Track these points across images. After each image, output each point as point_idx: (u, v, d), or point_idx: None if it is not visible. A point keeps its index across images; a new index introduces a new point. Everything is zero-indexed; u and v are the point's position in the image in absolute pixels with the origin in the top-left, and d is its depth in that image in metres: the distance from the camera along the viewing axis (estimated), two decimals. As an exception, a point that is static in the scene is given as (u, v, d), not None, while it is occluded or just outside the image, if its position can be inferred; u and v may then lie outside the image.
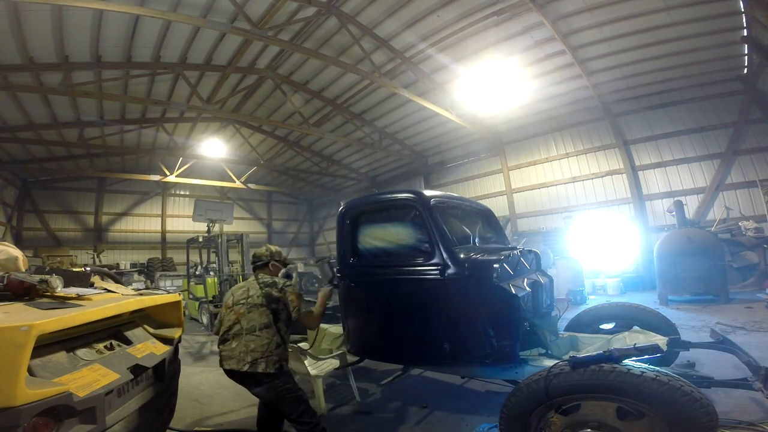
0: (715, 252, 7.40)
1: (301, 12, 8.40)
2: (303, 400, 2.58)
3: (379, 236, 3.42)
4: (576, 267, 9.13)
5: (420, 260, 3.09)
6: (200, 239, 9.86)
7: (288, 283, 2.82)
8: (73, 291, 2.27)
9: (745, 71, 9.11)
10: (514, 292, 2.71)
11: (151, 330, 2.66)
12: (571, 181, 12.19)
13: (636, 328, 3.10)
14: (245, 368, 2.45)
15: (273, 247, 3.10)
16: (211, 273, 10.07)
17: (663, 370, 1.98)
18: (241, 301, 2.71)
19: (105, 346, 2.14)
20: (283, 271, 2.99)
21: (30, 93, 9.26)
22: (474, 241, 3.59)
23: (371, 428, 3.31)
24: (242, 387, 2.59)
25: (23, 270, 2.43)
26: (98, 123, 11.58)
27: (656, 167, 10.70)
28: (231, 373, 2.58)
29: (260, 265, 2.97)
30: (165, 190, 18.57)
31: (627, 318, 3.51)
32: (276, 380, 2.50)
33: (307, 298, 6.79)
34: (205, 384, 4.63)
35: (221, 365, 2.62)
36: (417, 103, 10.52)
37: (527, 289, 2.93)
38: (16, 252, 2.47)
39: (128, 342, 2.34)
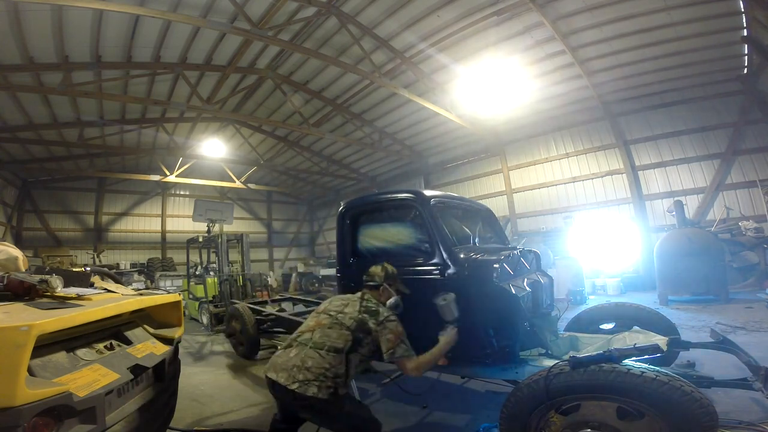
0: (715, 252, 7.39)
1: (301, 12, 8.41)
2: (362, 421, 2.25)
3: (379, 236, 3.42)
4: (576, 267, 9.13)
5: (420, 260, 3.09)
6: (200, 239, 9.86)
7: (392, 317, 2.44)
8: (73, 291, 2.27)
9: (745, 71, 9.11)
10: (514, 292, 2.71)
11: (151, 330, 2.66)
12: (571, 181, 12.19)
13: (636, 328, 3.10)
14: (293, 386, 2.11)
15: (390, 268, 2.71)
16: (211, 273, 10.07)
17: (663, 370, 1.98)
18: (332, 312, 2.44)
19: (105, 346, 2.14)
20: (392, 300, 2.61)
21: (30, 93, 9.26)
22: (474, 241, 3.59)
23: (371, 428, 3.31)
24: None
25: (23, 270, 2.43)
26: (98, 123, 11.58)
27: (656, 167, 10.70)
28: (274, 386, 2.22)
29: (371, 285, 2.64)
30: (165, 190, 18.58)
31: (627, 318, 3.50)
32: (330, 406, 2.14)
33: (309, 298, 6.74)
34: (205, 384, 4.62)
35: (267, 373, 2.28)
36: (417, 103, 10.51)
37: (527, 289, 2.93)
38: (16, 252, 2.47)
39: (128, 342, 2.34)
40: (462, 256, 2.92)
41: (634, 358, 2.11)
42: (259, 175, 18.49)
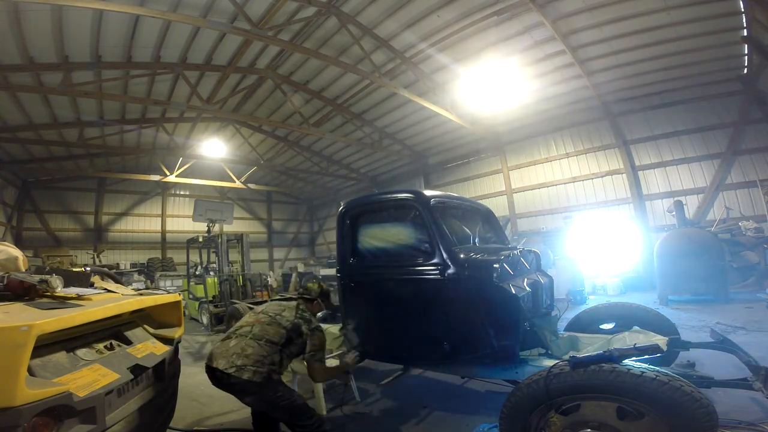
0: (715, 252, 7.39)
1: (301, 12, 8.40)
2: (296, 405, 2.50)
3: (379, 236, 3.42)
4: (576, 267, 9.12)
5: (420, 260, 3.09)
6: (200, 239, 9.87)
7: (321, 327, 2.84)
8: (73, 291, 2.27)
9: (745, 71, 9.11)
10: (514, 292, 2.71)
11: (151, 330, 2.66)
12: (571, 181, 12.19)
13: (636, 328, 3.10)
14: (231, 370, 2.34)
15: (324, 286, 3.12)
16: (211, 273, 10.08)
17: (663, 370, 1.98)
18: (270, 314, 2.76)
19: (105, 346, 2.14)
20: (321, 313, 3.00)
21: (30, 93, 9.26)
22: (474, 241, 3.59)
23: (371, 428, 3.31)
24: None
25: (23, 270, 2.43)
26: (98, 123, 11.58)
27: (656, 167, 10.70)
28: (213, 374, 2.45)
29: (307, 298, 3.03)
30: (165, 190, 18.57)
31: (627, 318, 3.50)
32: (264, 389, 2.39)
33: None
34: (205, 384, 4.58)
35: (207, 362, 2.50)
36: (417, 103, 10.51)
37: (527, 289, 2.93)
38: (16, 252, 2.47)
39: (128, 342, 2.34)
40: (462, 256, 2.92)
41: (634, 358, 2.10)
42: (259, 175, 18.48)
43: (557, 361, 2.24)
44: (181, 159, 14.49)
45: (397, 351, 3.36)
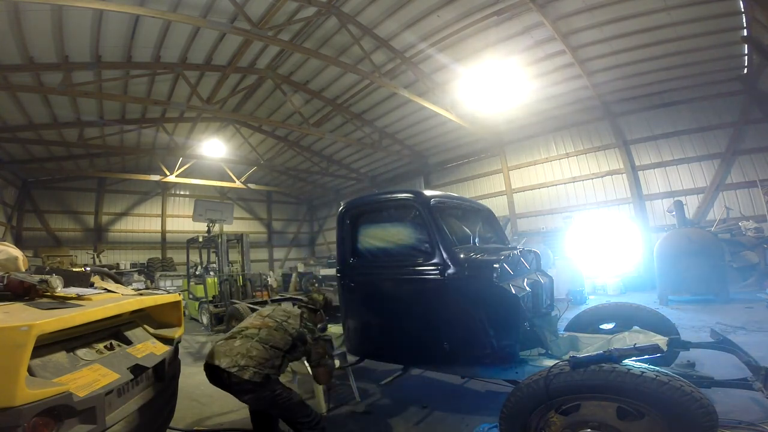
0: (715, 252, 7.38)
1: (301, 12, 8.41)
2: (294, 403, 2.58)
3: (379, 236, 3.43)
4: (576, 267, 9.12)
5: (420, 260, 3.09)
6: (200, 239, 9.87)
7: (325, 336, 3.14)
8: (73, 291, 2.27)
9: (745, 71, 9.10)
10: (514, 292, 2.71)
11: (151, 330, 2.66)
12: (571, 181, 12.19)
13: (636, 328, 3.10)
14: (233, 369, 2.41)
15: (329, 298, 3.29)
16: (211, 273, 10.08)
17: (663, 370, 1.98)
18: (277, 319, 2.85)
19: (105, 346, 2.14)
20: (322, 324, 3.19)
21: (30, 93, 9.26)
22: (474, 241, 3.59)
23: (371, 428, 3.31)
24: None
25: (23, 270, 2.43)
26: (98, 123, 11.58)
27: (656, 167, 10.69)
28: (213, 372, 2.52)
29: (311, 308, 3.16)
30: (165, 190, 18.57)
31: (627, 318, 3.51)
32: (262, 389, 2.47)
33: (301, 296, 6.75)
34: (205, 384, 4.58)
35: (208, 360, 2.55)
36: (417, 103, 10.51)
37: (527, 289, 2.93)
38: (16, 252, 2.47)
39: (128, 342, 2.34)
40: (462, 256, 2.92)
41: (634, 358, 2.10)
42: (259, 175, 18.48)
43: (557, 361, 2.24)
44: (181, 159, 14.48)
45: (397, 351, 3.37)
